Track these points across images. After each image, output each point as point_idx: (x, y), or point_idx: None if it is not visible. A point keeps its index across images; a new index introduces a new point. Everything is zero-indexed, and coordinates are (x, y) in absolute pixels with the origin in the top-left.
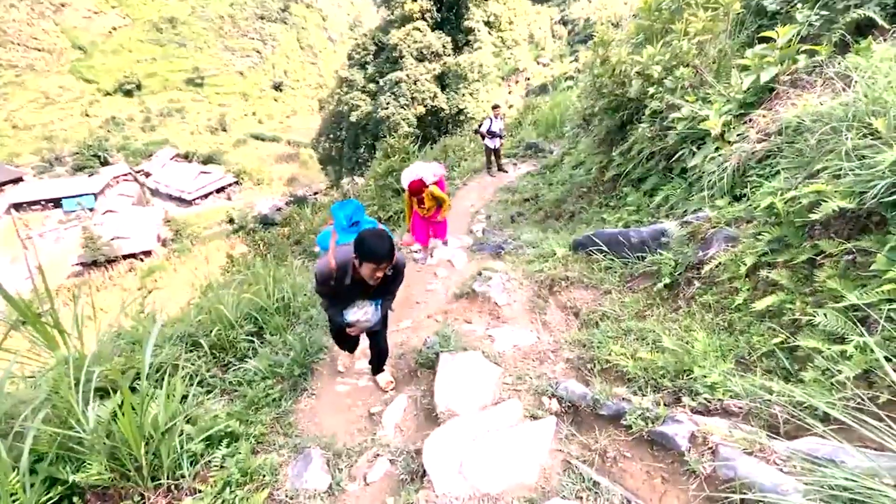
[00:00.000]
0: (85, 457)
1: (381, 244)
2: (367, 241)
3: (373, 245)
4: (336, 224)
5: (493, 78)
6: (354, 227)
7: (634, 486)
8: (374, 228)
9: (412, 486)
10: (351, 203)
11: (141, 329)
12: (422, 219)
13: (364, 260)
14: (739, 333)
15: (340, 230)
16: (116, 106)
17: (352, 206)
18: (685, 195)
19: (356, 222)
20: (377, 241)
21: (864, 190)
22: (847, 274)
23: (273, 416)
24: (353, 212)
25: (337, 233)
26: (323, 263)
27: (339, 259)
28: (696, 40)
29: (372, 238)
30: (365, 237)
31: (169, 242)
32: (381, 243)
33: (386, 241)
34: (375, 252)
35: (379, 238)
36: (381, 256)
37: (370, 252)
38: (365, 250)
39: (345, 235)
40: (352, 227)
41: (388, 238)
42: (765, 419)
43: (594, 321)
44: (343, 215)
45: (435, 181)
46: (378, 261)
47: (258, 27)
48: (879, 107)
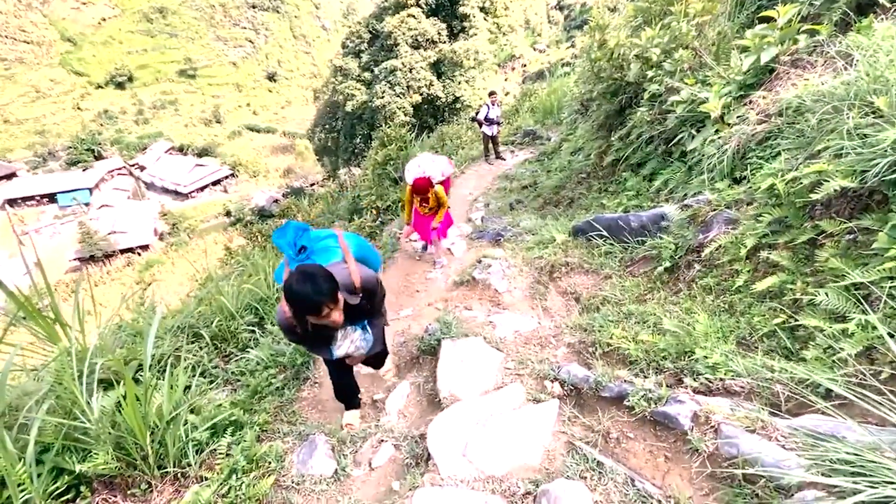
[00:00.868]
0: (90, 447)
1: (306, 288)
2: (292, 290)
3: (297, 292)
4: (287, 256)
5: (490, 65)
6: (303, 253)
7: (638, 465)
8: (300, 269)
9: (417, 469)
10: (288, 227)
11: (141, 321)
12: (423, 216)
13: (299, 312)
14: (740, 315)
15: (291, 261)
16: (108, 99)
17: (290, 231)
18: (685, 179)
19: (302, 248)
20: (304, 287)
21: (866, 168)
22: (848, 253)
23: (276, 404)
24: (295, 236)
25: (289, 266)
26: (280, 312)
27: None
28: (695, 22)
29: (298, 286)
30: (289, 285)
31: (166, 236)
32: (306, 287)
33: (316, 282)
34: (301, 300)
35: (307, 282)
36: (311, 305)
37: (296, 302)
38: (293, 302)
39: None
40: (300, 254)
41: (319, 276)
42: (767, 397)
43: (595, 306)
44: (285, 244)
45: (442, 180)
46: (311, 309)
47: (250, 16)
48: (881, 85)
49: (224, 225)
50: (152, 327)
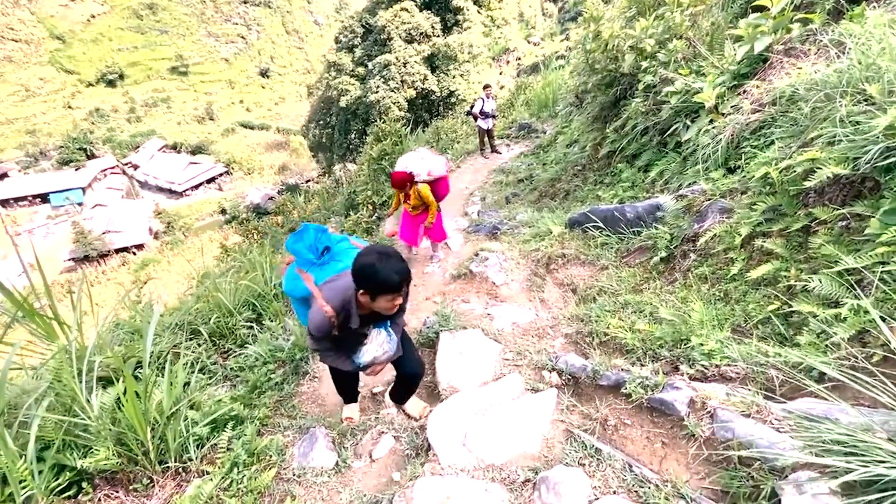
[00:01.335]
0: (91, 443)
1: (394, 266)
2: (376, 269)
3: (387, 272)
4: (300, 261)
5: (484, 58)
6: (327, 254)
7: (635, 451)
8: (371, 249)
9: (417, 459)
10: (308, 229)
11: (139, 319)
12: (411, 217)
13: (379, 293)
14: (735, 302)
15: (310, 266)
16: (99, 97)
17: (311, 233)
18: (680, 169)
19: (326, 248)
20: (389, 264)
21: (858, 155)
22: (841, 239)
23: (276, 399)
24: (316, 238)
25: (307, 271)
26: (317, 314)
27: (334, 302)
28: (689, 12)
29: (381, 263)
30: (371, 264)
31: (161, 235)
32: (393, 265)
33: (398, 260)
34: (391, 280)
35: (388, 259)
36: (400, 282)
37: (386, 283)
38: (379, 282)
39: (321, 270)
40: (324, 256)
41: (396, 254)
42: (761, 382)
43: (592, 296)
44: (305, 247)
45: (430, 180)
46: (397, 288)
47: (241, 12)
48: (873, 72)
49: (219, 223)
50: (151, 324)
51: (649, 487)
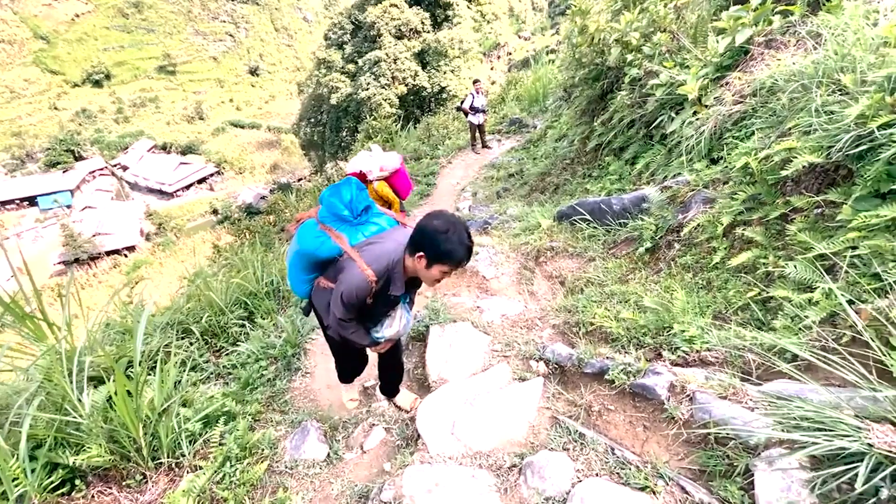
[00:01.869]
0: (83, 441)
1: (464, 238)
2: (447, 236)
3: (457, 242)
4: (329, 217)
5: (475, 54)
6: (365, 214)
7: (618, 435)
8: (441, 213)
9: (407, 449)
10: (350, 182)
11: (130, 319)
12: None
13: (439, 262)
14: (717, 290)
15: (342, 224)
16: (86, 97)
17: (353, 187)
18: (665, 161)
19: (366, 208)
20: (460, 233)
21: (832, 144)
22: (816, 226)
23: (268, 394)
24: (357, 195)
25: (336, 229)
26: (357, 278)
27: (377, 266)
28: (672, 5)
29: (454, 231)
30: (443, 230)
31: (152, 236)
32: (464, 237)
33: (467, 232)
34: (458, 252)
35: (460, 229)
36: (468, 253)
37: (451, 253)
38: (445, 250)
39: (354, 230)
40: (361, 216)
41: (466, 225)
42: (739, 366)
43: (579, 288)
44: (342, 203)
45: (384, 176)
46: (461, 262)
47: (229, 9)
48: (848, 63)
49: (211, 223)
50: (141, 323)
51: (630, 469)
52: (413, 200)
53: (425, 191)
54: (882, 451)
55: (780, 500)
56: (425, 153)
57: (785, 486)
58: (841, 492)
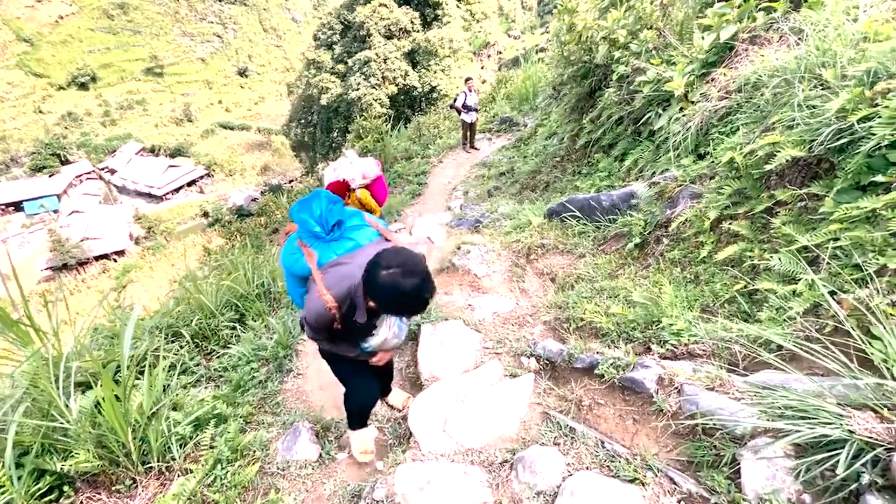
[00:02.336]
0: (71, 446)
1: (420, 287)
2: (399, 289)
3: (411, 295)
4: (304, 232)
5: (465, 53)
6: (338, 229)
7: (608, 429)
8: (392, 258)
9: (399, 448)
10: (319, 196)
11: (118, 323)
12: None
13: (392, 312)
14: (704, 284)
15: (315, 240)
16: (71, 100)
17: (322, 201)
18: (653, 157)
19: (337, 222)
20: (414, 283)
21: (814, 138)
22: (800, 219)
23: (260, 396)
24: (328, 210)
25: (310, 246)
26: (315, 303)
27: (338, 291)
28: (658, 2)
29: (406, 283)
30: (393, 285)
31: (142, 240)
32: (419, 285)
33: (424, 277)
34: (413, 306)
35: (414, 278)
36: (425, 301)
37: (406, 307)
38: (400, 305)
39: (327, 247)
40: (333, 232)
41: (422, 267)
42: (726, 358)
43: (570, 284)
44: (313, 218)
45: (365, 184)
46: (419, 311)
47: (217, 10)
48: (829, 58)
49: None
50: (128, 327)
51: (620, 461)
52: (405, 200)
53: (416, 190)
54: (863, 438)
55: (766, 488)
56: (416, 153)
57: (770, 475)
58: (824, 478)
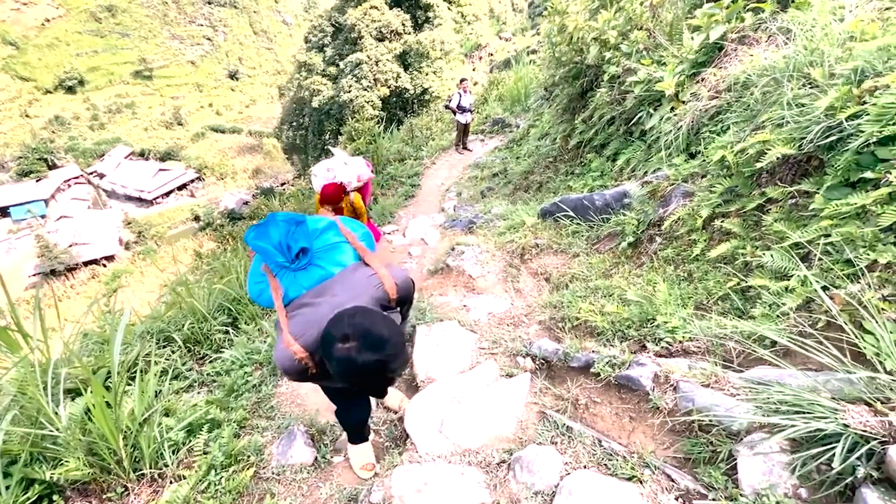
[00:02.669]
0: (61, 454)
1: (378, 361)
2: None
3: (360, 368)
4: (269, 262)
5: (456, 55)
6: (304, 257)
7: (605, 427)
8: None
9: (396, 450)
10: (273, 221)
11: (108, 329)
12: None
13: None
14: (698, 281)
15: (281, 271)
16: (59, 104)
17: (280, 226)
18: (645, 156)
19: (302, 250)
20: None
21: (803, 136)
22: (791, 216)
23: (254, 400)
24: (288, 234)
25: (276, 275)
26: (283, 355)
27: (305, 341)
28: (648, 3)
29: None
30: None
31: (132, 245)
32: (377, 358)
33: (385, 340)
34: (371, 378)
35: (364, 344)
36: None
37: (364, 379)
38: (351, 375)
39: (293, 278)
40: (299, 260)
41: (379, 328)
42: (720, 354)
43: (564, 283)
44: (272, 247)
45: (359, 186)
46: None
47: (206, 13)
48: (817, 57)
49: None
50: (119, 332)
51: (617, 460)
52: (398, 201)
53: (410, 192)
54: (857, 431)
55: (763, 484)
56: (409, 154)
57: (767, 470)
58: (820, 472)
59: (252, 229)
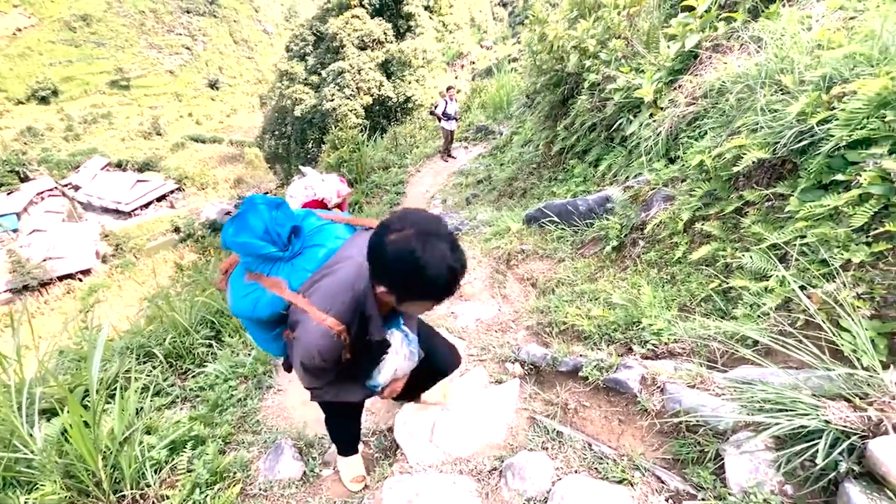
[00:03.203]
0: (36, 478)
1: (446, 251)
2: (418, 261)
3: (436, 265)
4: (253, 261)
5: (439, 63)
6: (296, 239)
7: (595, 431)
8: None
9: (386, 461)
10: (254, 206)
11: (85, 345)
12: None
13: (416, 298)
14: (681, 283)
15: (273, 265)
16: (31, 115)
17: (262, 211)
18: (626, 162)
19: (293, 230)
20: (438, 250)
21: (777, 140)
22: (768, 218)
23: (239, 415)
24: (273, 219)
25: (267, 274)
26: (316, 335)
27: (338, 310)
28: (625, 12)
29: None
30: (410, 252)
31: (109, 258)
32: (446, 253)
33: (450, 242)
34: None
35: (436, 242)
36: (454, 278)
37: (433, 284)
38: (418, 281)
39: (292, 268)
40: (292, 245)
41: (445, 230)
42: (705, 355)
43: (550, 288)
44: (257, 237)
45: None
46: (445, 293)
47: (185, 22)
48: (787, 64)
49: (174, 242)
50: (97, 349)
51: (608, 463)
52: (383, 210)
53: (395, 199)
54: (838, 427)
55: (750, 482)
56: (393, 162)
57: (753, 468)
58: (804, 469)
59: (230, 223)
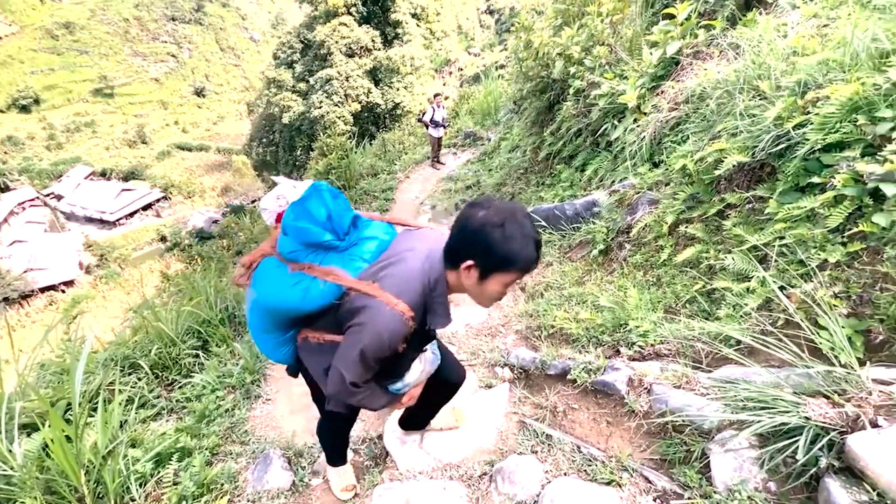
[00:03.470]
0: (16, 495)
1: (528, 226)
2: (503, 230)
3: (519, 234)
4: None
5: (427, 70)
6: (354, 232)
7: (583, 433)
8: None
9: (376, 468)
10: (319, 192)
11: (68, 357)
12: None
13: (500, 269)
14: (666, 286)
15: (327, 254)
16: (12, 124)
17: (326, 196)
18: (612, 166)
19: (354, 220)
20: (520, 222)
21: (756, 144)
22: (749, 220)
23: (227, 426)
24: (336, 206)
25: (319, 264)
26: (387, 321)
27: (410, 297)
28: (608, 20)
29: (509, 219)
30: (499, 224)
31: (93, 269)
32: (527, 224)
33: (530, 222)
34: (526, 249)
35: (517, 215)
36: (538, 249)
37: (518, 251)
38: (507, 250)
39: (348, 259)
40: (349, 235)
41: (524, 211)
42: (690, 356)
43: (539, 292)
44: (317, 226)
45: None
46: (531, 263)
47: (170, 29)
48: (764, 71)
49: (160, 251)
50: (80, 361)
51: (596, 465)
52: None
53: (384, 206)
54: (818, 423)
55: (734, 479)
56: (382, 169)
57: (737, 466)
58: (786, 465)
59: (291, 208)
